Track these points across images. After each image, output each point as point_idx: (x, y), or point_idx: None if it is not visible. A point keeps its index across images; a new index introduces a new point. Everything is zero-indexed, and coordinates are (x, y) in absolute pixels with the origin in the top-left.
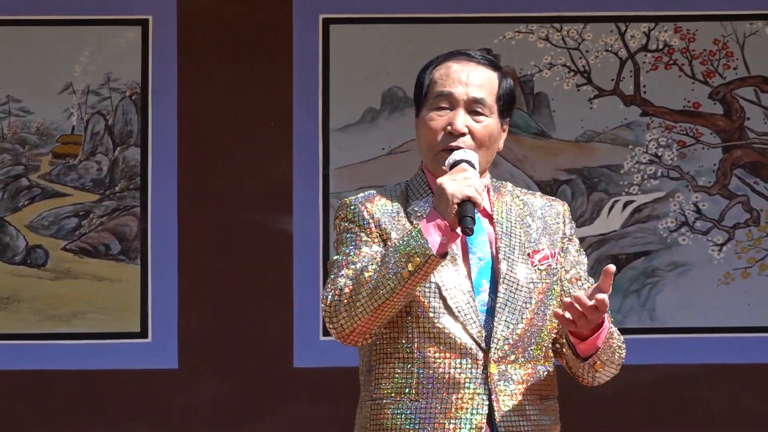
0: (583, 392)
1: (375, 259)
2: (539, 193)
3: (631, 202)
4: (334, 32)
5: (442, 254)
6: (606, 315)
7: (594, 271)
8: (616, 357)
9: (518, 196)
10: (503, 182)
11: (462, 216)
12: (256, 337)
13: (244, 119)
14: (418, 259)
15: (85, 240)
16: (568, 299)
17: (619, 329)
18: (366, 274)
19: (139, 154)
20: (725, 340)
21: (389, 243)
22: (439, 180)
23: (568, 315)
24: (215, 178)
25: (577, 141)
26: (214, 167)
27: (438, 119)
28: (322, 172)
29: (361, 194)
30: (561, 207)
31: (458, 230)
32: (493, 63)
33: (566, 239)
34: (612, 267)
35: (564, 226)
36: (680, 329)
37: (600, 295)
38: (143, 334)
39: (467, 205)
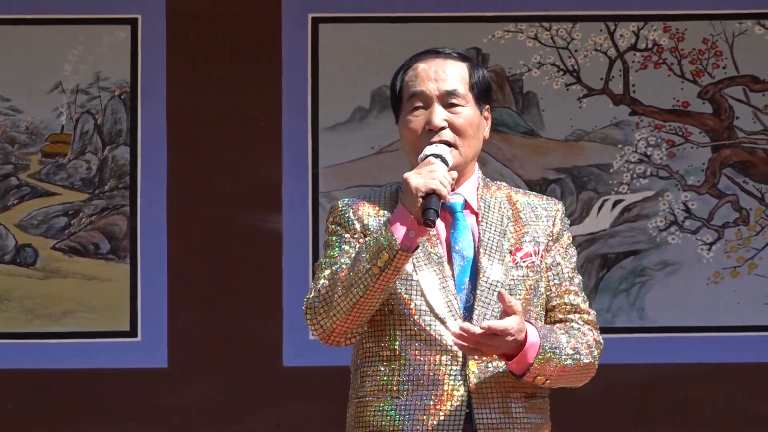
0: (572, 392)
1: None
2: (534, 193)
3: (621, 201)
4: (323, 31)
5: (410, 248)
6: (536, 331)
7: (583, 270)
8: (571, 368)
9: (510, 195)
10: (498, 182)
11: (425, 208)
12: (246, 336)
13: (234, 118)
14: (386, 254)
15: (74, 239)
16: (457, 330)
17: (609, 328)
18: (341, 274)
19: (129, 153)
20: (714, 339)
21: None
22: (405, 175)
23: (462, 343)
24: (204, 178)
25: (567, 140)
26: (203, 166)
27: (415, 119)
28: (311, 171)
29: (351, 197)
30: (555, 206)
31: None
32: (461, 55)
33: (552, 239)
34: (502, 291)
35: (553, 225)
36: (669, 328)
37: (486, 323)
38: (133, 333)
39: (432, 197)
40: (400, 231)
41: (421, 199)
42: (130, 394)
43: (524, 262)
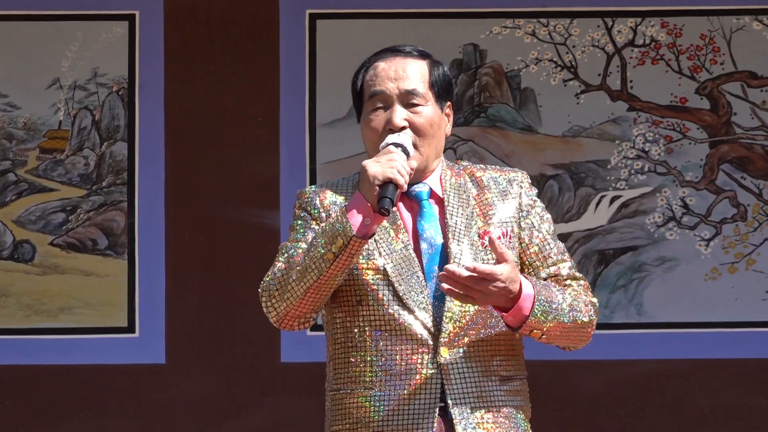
0: (569, 387)
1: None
2: (497, 166)
3: (618, 197)
4: (320, 27)
5: (365, 235)
6: (531, 283)
7: (581, 266)
8: (568, 325)
9: (473, 174)
10: (458, 161)
11: (381, 197)
12: (243, 331)
13: (231, 114)
14: (341, 240)
15: (72, 235)
16: (442, 273)
17: (607, 324)
18: (296, 258)
19: (126, 149)
20: (712, 335)
21: None
22: (363, 162)
23: (446, 285)
24: (202, 174)
25: (564, 136)
26: (201, 162)
27: (376, 119)
28: (309, 167)
29: (317, 184)
30: (519, 176)
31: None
32: (421, 53)
33: (523, 212)
34: (492, 237)
35: (521, 197)
36: (667, 324)
37: (473, 264)
38: (131, 329)
39: (389, 186)
40: (356, 218)
41: (377, 188)
42: (128, 390)
43: (499, 242)
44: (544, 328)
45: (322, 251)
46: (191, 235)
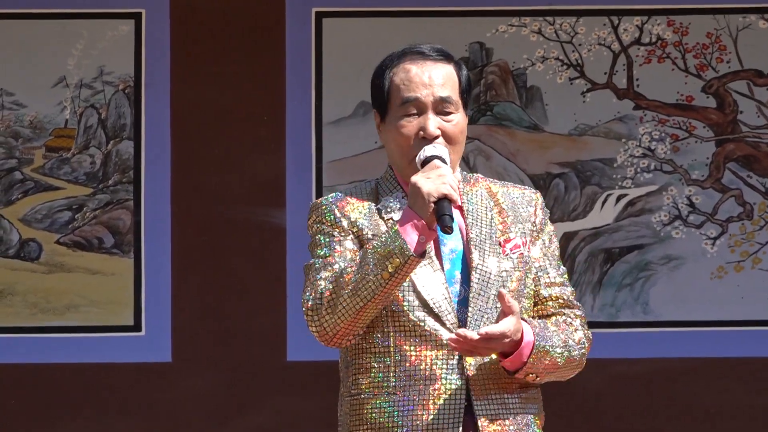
0: (576, 386)
1: (354, 260)
2: (511, 183)
3: (624, 195)
4: (327, 26)
5: (421, 253)
6: (531, 329)
7: (587, 265)
8: (561, 364)
9: (489, 187)
10: (473, 174)
11: (440, 214)
12: (250, 330)
13: (237, 113)
14: (398, 260)
15: (78, 233)
16: (452, 335)
17: (613, 323)
18: (346, 277)
19: (132, 147)
20: (718, 333)
21: (365, 242)
22: (413, 179)
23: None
24: (208, 172)
25: (570, 134)
26: (207, 161)
27: (408, 125)
28: (315, 166)
29: (332, 195)
30: (534, 195)
31: (435, 228)
32: (447, 56)
33: (535, 229)
34: (502, 290)
35: (535, 215)
36: (673, 323)
37: (483, 329)
38: (137, 327)
39: (444, 203)
40: (411, 236)
41: (432, 205)
42: (134, 389)
43: (513, 253)
44: (539, 371)
45: (376, 271)
46: (197, 233)
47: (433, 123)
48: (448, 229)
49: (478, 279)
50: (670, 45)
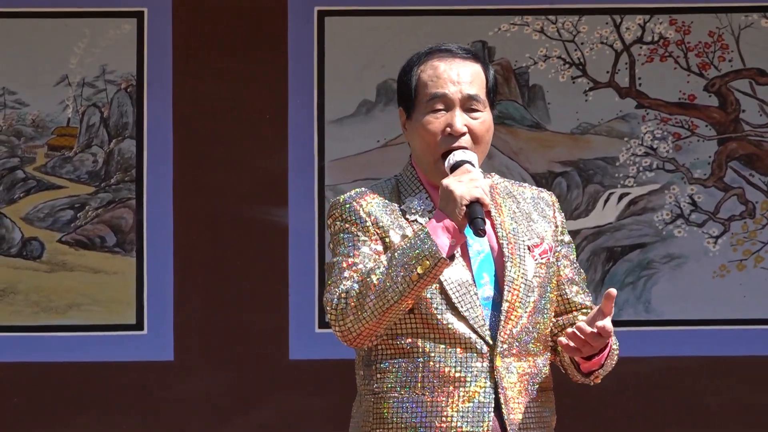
0: (578, 386)
1: (380, 260)
2: (527, 183)
3: (627, 194)
4: (329, 24)
5: (451, 256)
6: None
7: (589, 263)
8: (614, 363)
9: (508, 188)
10: (490, 173)
11: (473, 218)
12: (252, 329)
13: (240, 111)
14: (428, 262)
15: (80, 232)
16: (571, 329)
17: (615, 322)
18: (373, 278)
19: (135, 146)
20: (721, 332)
21: (388, 241)
22: (445, 182)
23: (572, 344)
24: (210, 171)
25: (573, 133)
26: (209, 159)
27: (435, 122)
28: (317, 164)
29: (353, 192)
30: (549, 197)
31: (466, 232)
32: (474, 55)
33: (559, 232)
34: (613, 291)
35: (554, 216)
36: (676, 321)
37: (600, 323)
38: (139, 326)
39: (476, 206)
40: (441, 239)
41: (464, 208)
42: (136, 387)
43: (542, 258)
44: (605, 371)
45: (404, 272)
46: (199, 232)
47: (460, 120)
48: (481, 232)
49: (513, 284)
50: (673, 44)
